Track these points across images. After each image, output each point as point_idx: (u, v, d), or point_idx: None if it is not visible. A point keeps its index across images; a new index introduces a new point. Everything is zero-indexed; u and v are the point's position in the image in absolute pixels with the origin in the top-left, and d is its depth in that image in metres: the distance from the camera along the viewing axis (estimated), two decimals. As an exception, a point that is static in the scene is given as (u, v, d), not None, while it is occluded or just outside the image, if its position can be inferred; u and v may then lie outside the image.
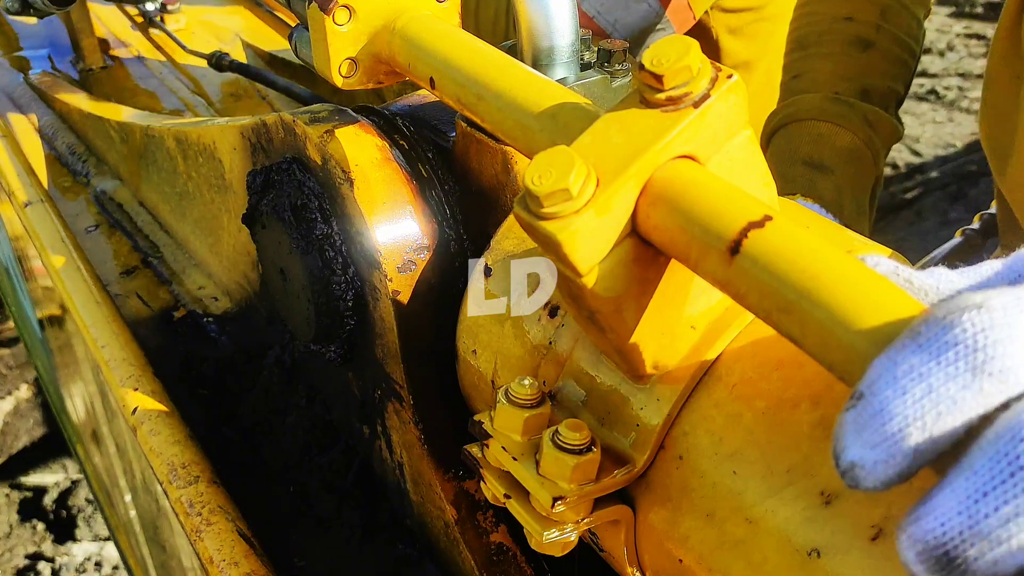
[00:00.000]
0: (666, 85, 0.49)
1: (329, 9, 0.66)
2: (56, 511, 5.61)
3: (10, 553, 5.39)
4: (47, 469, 6.07)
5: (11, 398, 6.37)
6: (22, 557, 5.37)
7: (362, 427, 0.89)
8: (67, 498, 5.56)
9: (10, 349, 6.45)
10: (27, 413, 6.33)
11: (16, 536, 5.55)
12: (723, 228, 0.45)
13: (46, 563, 5.20)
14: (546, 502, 0.54)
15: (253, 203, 0.83)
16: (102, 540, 5.43)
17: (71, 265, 1.11)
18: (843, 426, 0.36)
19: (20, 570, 5.21)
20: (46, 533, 5.57)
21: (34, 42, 1.82)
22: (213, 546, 0.79)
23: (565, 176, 0.47)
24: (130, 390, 0.94)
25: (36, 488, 5.81)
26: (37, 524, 5.63)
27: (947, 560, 0.33)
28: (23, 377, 6.40)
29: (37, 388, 6.31)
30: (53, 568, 5.18)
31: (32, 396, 6.32)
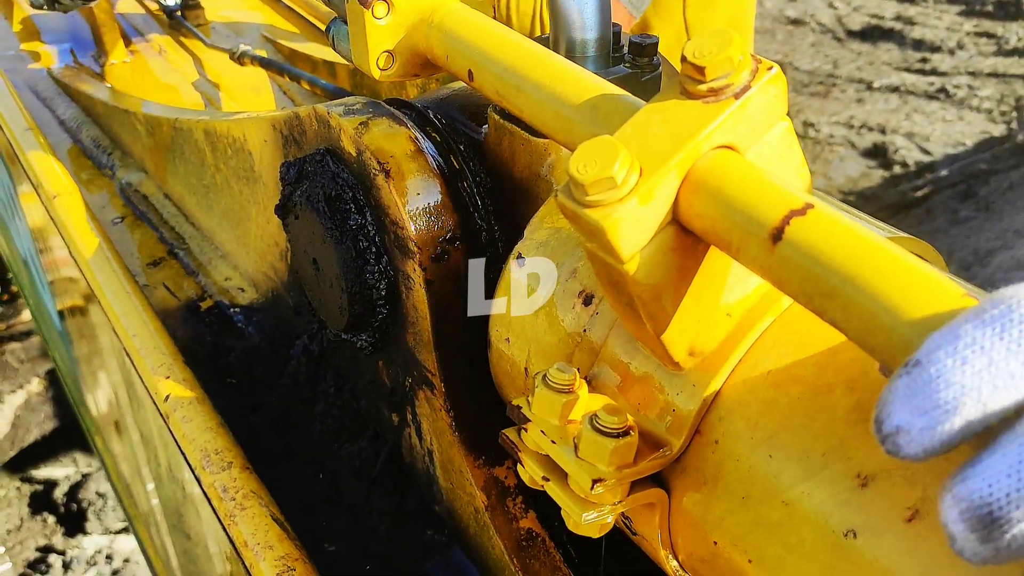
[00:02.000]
0: (708, 77, 0.50)
1: (368, 3, 0.67)
2: (67, 504, 5.65)
3: (21, 546, 5.42)
4: (58, 463, 6.10)
5: (22, 391, 6.40)
6: (33, 550, 5.40)
7: (391, 415, 0.90)
8: (78, 491, 5.60)
9: (21, 343, 6.49)
10: (38, 407, 6.36)
11: (27, 529, 5.59)
12: (765, 216, 0.47)
13: (57, 556, 5.24)
14: (585, 484, 0.55)
15: (287, 194, 0.84)
16: (112, 533, 5.46)
17: (100, 256, 1.13)
18: (892, 392, 0.37)
19: (31, 563, 5.25)
20: (57, 526, 5.60)
21: (56, 36, 1.84)
22: (247, 530, 0.81)
23: (609, 165, 0.48)
24: (162, 378, 0.95)
25: (47, 481, 5.85)
26: (48, 517, 5.67)
27: (990, 520, 0.34)
28: (34, 371, 6.44)
29: (48, 382, 6.35)
30: (64, 561, 5.22)
31: (43, 390, 6.36)
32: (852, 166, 6.37)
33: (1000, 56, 6.97)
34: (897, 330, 0.41)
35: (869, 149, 6.47)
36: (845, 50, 7.84)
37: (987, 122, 6.43)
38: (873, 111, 6.92)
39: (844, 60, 7.71)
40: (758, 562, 0.55)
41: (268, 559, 0.78)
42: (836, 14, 8.40)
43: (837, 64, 7.60)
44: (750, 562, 0.55)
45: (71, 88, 1.59)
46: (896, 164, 6.29)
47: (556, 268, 0.68)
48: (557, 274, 0.68)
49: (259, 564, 0.79)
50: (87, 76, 1.64)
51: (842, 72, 7.48)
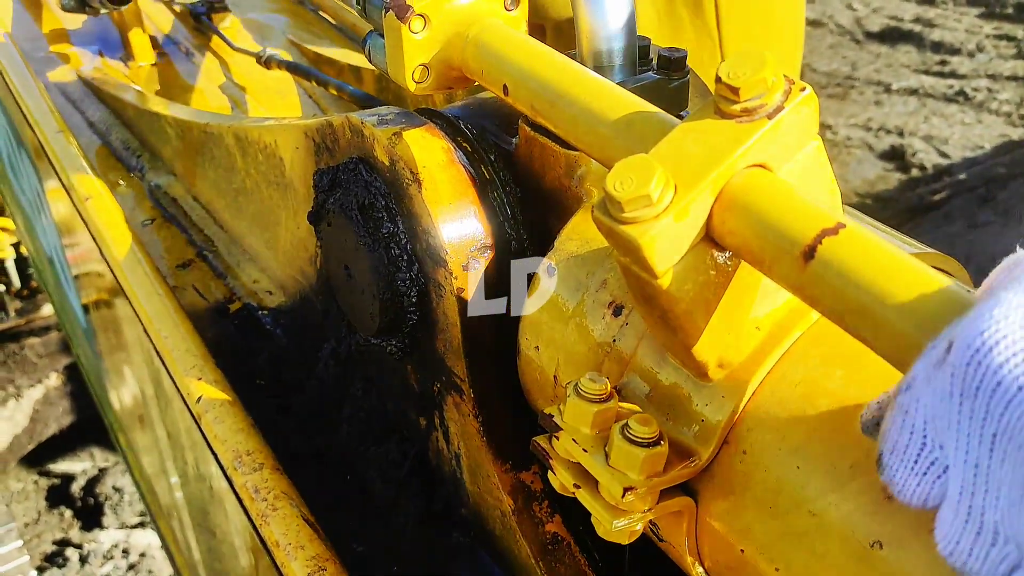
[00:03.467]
0: (742, 97, 0.51)
1: (405, 17, 0.68)
2: (84, 499, 5.70)
3: (38, 539, 5.48)
4: (75, 457, 6.17)
5: (41, 386, 6.47)
6: (50, 543, 5.46)
7: (419, 418, 0.92)
8: (95, 486, 5.65)
9: (40, 338, 6.56)
10: (56, 401, 6.43)
11: (44, 523, 5.65)
12: (798, 234, 0.48)
13: (73, 549, 5.29)
14: (616, 492, 0.57)
15: (320, 201, 0.86)
16: (129, 528, 5.51)
17: (132, 259, 1.15)
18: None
19: (48, 556, 5.30)
20: (73, 520, 5.66)
21: (85, 38, 1.87)
22: (279, 530, 0.83)
23: (646, 183, 0.50)
24: (194, 380, 0.97)
25: (64, 476, 5.91)
26: (65, 511, 5.72)
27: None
28: (52, 366, 6.50)
29: (67, 377, 6.42)
30: (81, 555, 5.27)
31: (62, 385, 6.42)
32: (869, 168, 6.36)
33: (1020, 59, 6.93)
34: (925, 347, 0.42)
35: (887, 152, 6.44)
36: (863, 52, 7.81)
37: (1006, 126, 6.40)
38: (891, 113, 6.90)
39: (862, 62, 7.68)
40: (784, 570, 0.56)
41: (300, 559, 0.80)
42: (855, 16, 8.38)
43: (855, 66, 7.58)
44: (777, 570, 0.57)
45: (100, 90, 1.62)
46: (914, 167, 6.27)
47: (586, 278, 0.70)
48: (587, 285, 0.70)
49: (291, 564, 0.80)
50: (116, 79, 1.67)
51: (860, 74, 7.45)
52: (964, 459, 0.39)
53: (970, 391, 0.38)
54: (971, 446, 0.38)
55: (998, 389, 0.37)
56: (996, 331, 0.37)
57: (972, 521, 0.40)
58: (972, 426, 0.38)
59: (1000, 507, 0.38)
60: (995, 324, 0.37)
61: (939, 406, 0.40)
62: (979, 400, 0.37)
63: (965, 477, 0.39)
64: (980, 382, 0.37)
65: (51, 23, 1.92)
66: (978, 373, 0.37)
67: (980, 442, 0.38)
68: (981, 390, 0.37)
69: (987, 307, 0.38)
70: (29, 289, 6.07)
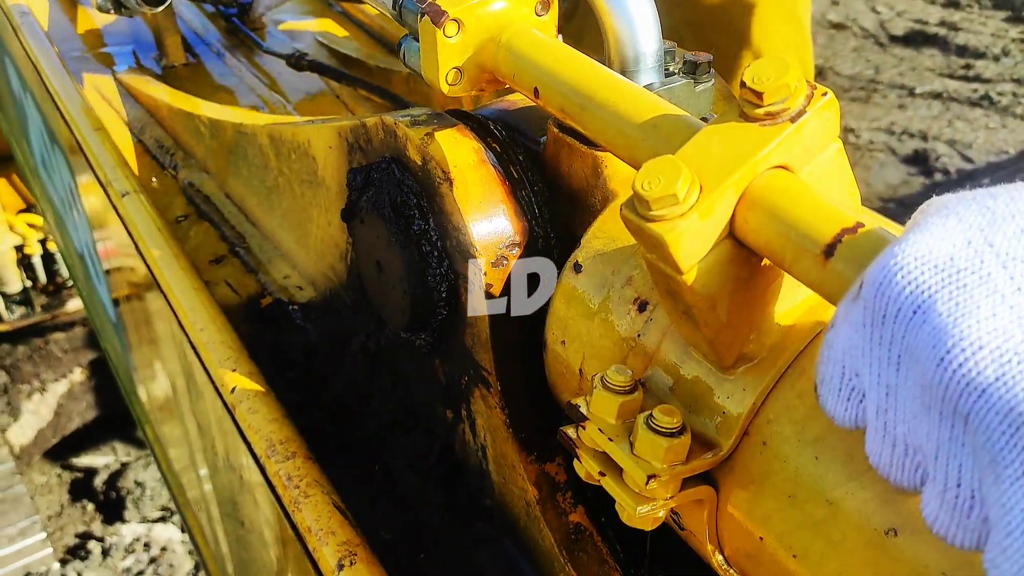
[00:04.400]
0: (765, 101, 0.53)
1: (440, 22, 0.71)
2: (106, 492, 5.78)
3: (61, 532, 5.56)
4: (98, 451, 6.24)
5: (65, 380, 6.56)
6: (72, 536, 5.54)
7: (446, 411, 0.94)
8: (117, 480, 5.73)
9: (65, 333, 6.64)
10: (80, 396, 6.51)
11: (67, 515, 5.73)
12: (818, 233, 0.50)
13: (96, 542, 5.36)
14: (640, 480, 0.59)
15: (353, 199, 0.89)
16: (150, 522, 5.58)
17: (168, 254, 1.18)
18: None
19: (70, 548, 5.38)
20: (96, 513, 5.74)
21: (119, 39, 1.91)
22: (311, 517, 0.85)
23: (672, 183, 0.52)
24: (228, 371, 1.01)
25: (87, 469, 5.98)
26: (87, 504, 5.80)
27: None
28: (77, 361, 6.58)
29: (91, 372, 6.50)
30: (103, 548, 5.34)
31: (85, 379, 6.50)
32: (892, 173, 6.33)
33: (1046, 64, 6.87)
34: None
35: (910, 156, 6.41)
36: (887, 55, 7.77)
37: (1030, 130, 6.35)
38: (915, 117, 6.86)
39: (886, 65, 7.64)
40: (802, 557, 0.58)
41: (331, 544, 0.83)
42: (879, 19, 8.33)
43: (879, 69, 7.54)
44: (795, 557, 0.59)
45: (135, 90, 1.66)
46: (937, 171, 6.23)
47: (612, 275, 0.72)
48: (612, 282, 0.72)
49: (322, 549, 0.83)
50: (149, 78, 1.71)
51: (884, 77, 7.42)
52: (876, 382, 0.44)
53: (878, 319, 0.43)
54: (881, 369, 0.44)
55: (899, 314, 0.42)
56: (896, 264, 0.42)
57: (888, 436, 0.45)
58: (881, 351, 0.43)
59: (907, 420, 0.43)
60: (896, 259, 0.42)
61: (854, 337, 0.45)
62: (885, 327, 0.43)
63: (879, 397, 0.44)
64: (885, 310, 0.42)
65: (86, 23, 1.97)
66: (882, 302, 0.42)
67: (888, 364, 0.43)
68: (886, 317, 0.42)
69: (892, 247, 0.43)
70: (55, 285, 6.16)
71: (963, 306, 0.40)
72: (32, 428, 6.13)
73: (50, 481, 5.92)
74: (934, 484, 0.42)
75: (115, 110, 1.64)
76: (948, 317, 0.40)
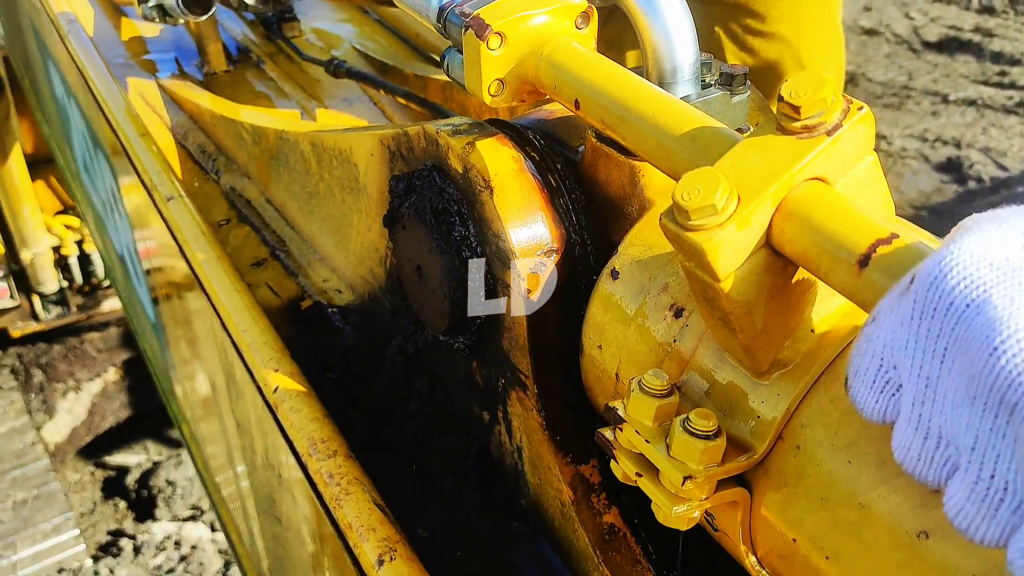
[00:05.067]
0: (802, 115, 0.55)
1: (484, 35, 0.74)
2: (138, 490, 5.86)
3: (93, 529, 5.65)
4: (130, 450, 6.34)
5: (99, 380, 6.66)
6: (104, 533, 5.62)
7: (482, 413, 0.97)
8: (148, 478, 5.81)
9: (100, 333, 6.74)
10: (114, 395, 6.61)
11: (99, 513, 5.82)
12: (853, 244, 0.52)
13: (127, 540, 5.45)
14: (676, 480, 0.61)
15: (395, 205, 0.92)
16: (181, 520, 5.65)
17: (212, 256, 1.22)
18: None
19: (103, 546, 5.46)
20: (127, 511, 5.82)
21: (162, 46, 1.96)
22: (352, 513, 0.88)
23: (711, 194, 0.54)
24: (271, 371, 1.04)
25: (119, 468, 6.08)
26: (119, 502, 5.89)
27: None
28: (111, 360, 6.68)
29: (124, 371, 6.59)
30: (135, 545, 5.42)
31: (119, 379, 6.60)
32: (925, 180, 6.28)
33: (1083, 71, 6.79)
34: None
35: (943, 163, 6.36)
36: (921, 62, 7.71)
37: (1068, 138, 6.28)
38: (948, 124, 6.80)
39: (919, 72, 7.58)
40: (835, 559, 0.60)
41: (371, 540, 0.85)
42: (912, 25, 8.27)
43: (912, 76, 7.48)
44: (827, 559, 0.60)
45: (178, 96, 1.70)
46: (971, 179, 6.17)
47: (648, 282, 0.74)
48: (649, 288, 0.74)
49: (363, 545, 0.86)
50: (192, 85, 1.75)
51: (917, 84, 7.36)
52: (917, 374, 0.46)
53: (928, 312, 0.45)
54: (924, 361, 0.45)
55: (951, 307, 0.44)
56: (951, 261, 0.44)
57: (921, 428, 0.47)
58: (927, 343, 0.45)
59: (945, 412, 0.45)
60: (950, 256, 0.44)
61: (899, 330, 0.46)
62: (935, 319, 0.44)
63: (917, 389, 0.46)
64: (937, 303, 0.44)
65: (130, 31, 2.02)
66: (935, 296, 0.44)
67: (933, 356, 0.45)
68: (937, 310, 0.44)
69: (945, 247, 0.45)
70: (90, 285, 6.27)
71: (1018, 301, 0.42)
72: (67, 426, 6.24)
73: (83, 479, 6.03)
74: (964, 477, 0.44)
75: (159, 116, 1.68)
76: (1003, 311, 0.42)
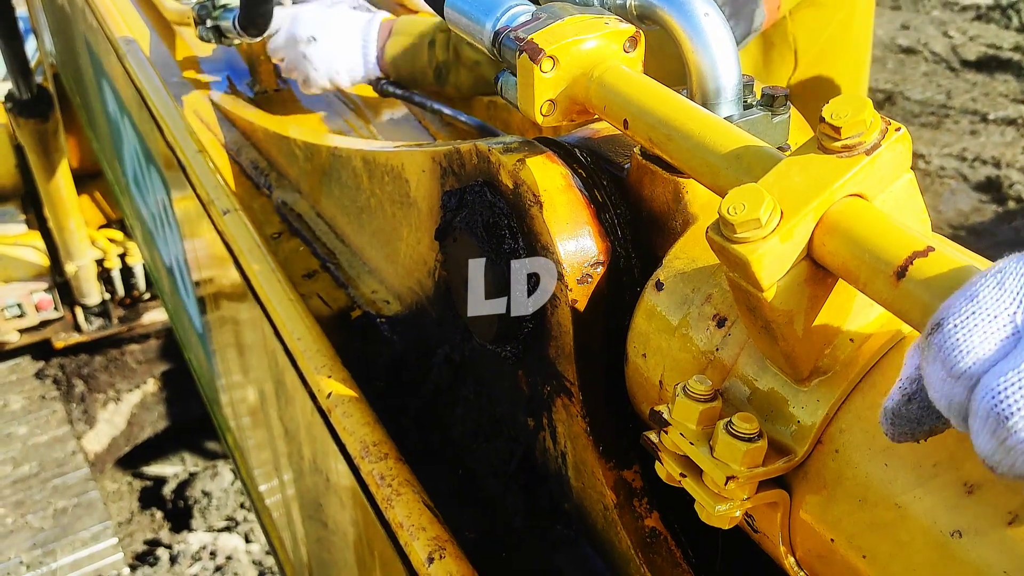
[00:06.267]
0: (843, 135, 0.59)
1: (538, 59, 0.78)
2: (174, 501, 5.96)
3: (130, 538, 5.75)
4: (167, 461, 6.44)
5: (138, 391, 6.78)
6: (141, 543, 5.72)
7: (527, 419, 1.00)
8: (185, 489, 5.90)
9: (140, 345, 6.87)
10: (152, 406, 6.73)
11: (136, 522, 5.92)
12: (891, 256, 0.55)
13: (164, 549, 5.53)
14: (720, 480, 0.64)
15: (447, 219, 0.96)
16: (216, 531, 5.73)
17: (266, 267, 1.27)
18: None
19: (139, 555, 5.56)
20: (164, 521, 5.92)
21: (215, 66, 2.03)
22: (403, 513, 0.92)
23: (756, 208, 0.58)
24: (324, 377, 1.08)
25: (156, 478, 6.18)
26: (156, 512, 5.99)
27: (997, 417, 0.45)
28: (150, 372, 6.80)
29: (163, 382, 6.70)
30: (171, 554, 5.50)
31: (158, 390, 6.72)
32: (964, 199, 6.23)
33: (1125, 90, 6.71)
34: None
35: (982, 183, 6.31)
36: (959, 80, 7.66)
37: (1109, 157, 6.20)
38: (987, 143, 6.75)
39: (958, 91, 7.53)
40: (871, 558, 0.63)
41: (422, 539, 0.89)
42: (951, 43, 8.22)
43: (950, 94, 7.44)
44: (864, 558, 0.63)
45: (231, 114, 1.76)
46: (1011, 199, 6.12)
47: (692, 293, 0.77)
48: (692, 299, 0.77)
49: (413, 544, 0.90)
50: (244, 103, 1.81)
51: (955, 103, 7.31)
52: None
53: None
54: None
55: None
56: None
57: None
58: None
59: None
60: None
61: None
62: None
63: None
64: None
65: (184, 51, 2.09)
66: None
67: None
68: None
69: None
70: (132, 298, 6.39)
71: None
72: (106, 436, 6.36)
73: (121, 488, 6.14)
74: None
75: (213, 132, 1.75)
76: None
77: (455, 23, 0.92)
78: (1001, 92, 7.37)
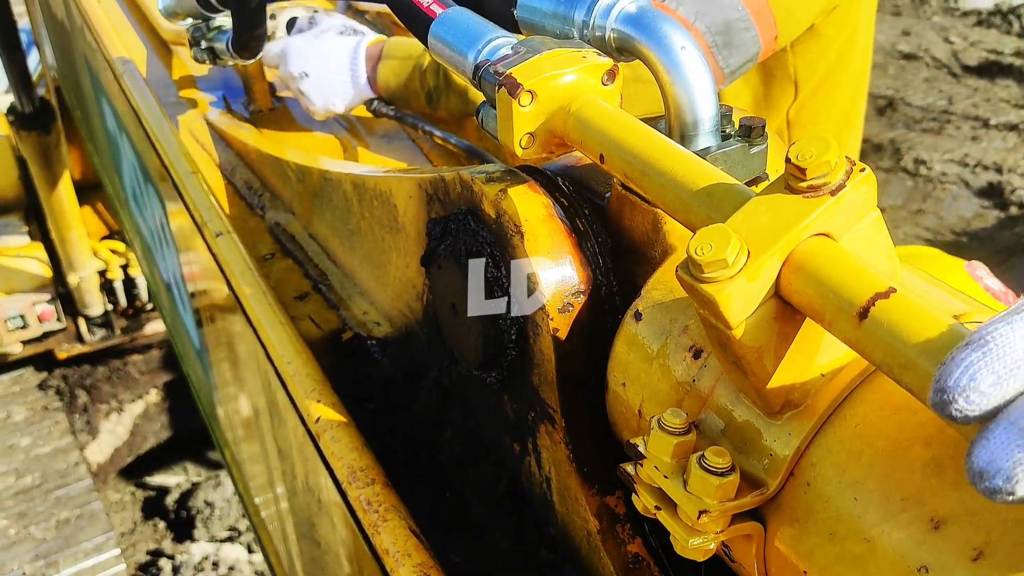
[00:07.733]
0: (808, 176, 0.60)
1: (516, 93, 0.79)
2: (177, 511, 5.97)
3: (133, 548, 5.76)
4: (170, 471, 6.46)
5: (141, 401, 6.79)
6: (144, 553, 5.73)
7: (513, 444, 1.01)
8: (188, 499, 5.92)
9: (142, 355, 6.89)
10: (155, 417, 6.74)
11: (139, 533, 5.93)
12: (854, 296, 0.56)
13: (166, 560, 5.54)
14: (693, 514, 0.65)
15: (432, 247, 0.97)
16: (219, 542, 5.74)
17: (257, 289, 1.28)
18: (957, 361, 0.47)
19: (142, 565, 5.57)
20: (167, 531, 5.93)
21: (210, 85, 2.04)
22: (388, 539, 0.93)
23: (723, 249, 0.58)
24: (313, 402, 1.09)
25: (159, 488, 6.19)
26: (159, 523, 6.00)
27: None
28: (153, 382, 6.82)
29: (166, 393, 6.72)
30: (173, 565, 5.51)
31: (160, 401, 6.73)
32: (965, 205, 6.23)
33: None
34: None
35: (984, 188, 6.31)
36: (960, 86, 7.67)
37: (1111, 164, 6.20)
38: (989, 149, 6.76)
39: (959, 96, 7.54)
40: (842, 591, 0.63)
41: (407, 565, 0.90)
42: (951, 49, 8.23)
43: (952, 100, 7.45)
44: (835, 590, 0.64)
45: (226, 134, 1.78)
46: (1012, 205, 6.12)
47: (669, 324, 0.78)
48: (670, 330, 0.78)
49: (399, 570, 0.90)
50: (239, 123, 1.83)
51: (957, 108, 7.32)
52: None
53: None
54: None
55: None
56: None
57: None
58: None
59: None
60: None
61: None
62: None
63: None
64: None
65: (180, 70, 2.11)
66: None
67: None
68: None
69: None
70: (134, 308, 6.42)
71: None
72: (109, 447, 6.37)
73: (124, 499, 6.15)
74: None
75: (207, 152, 1.76)
76: None
77: (438, 53, 0.93)
78: (1002, 97, 7.38)
